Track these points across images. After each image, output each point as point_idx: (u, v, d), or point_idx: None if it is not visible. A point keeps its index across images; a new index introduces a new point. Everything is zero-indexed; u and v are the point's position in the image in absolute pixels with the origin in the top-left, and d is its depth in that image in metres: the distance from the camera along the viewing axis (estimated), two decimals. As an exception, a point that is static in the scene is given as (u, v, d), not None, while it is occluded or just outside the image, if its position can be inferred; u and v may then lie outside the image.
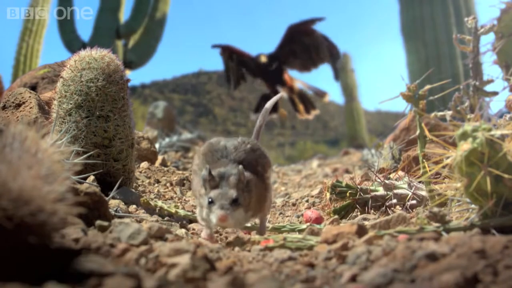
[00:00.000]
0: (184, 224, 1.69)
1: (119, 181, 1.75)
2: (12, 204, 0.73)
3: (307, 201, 2.33)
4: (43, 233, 0.78)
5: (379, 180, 1.84)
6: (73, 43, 7.27)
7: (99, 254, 0.92)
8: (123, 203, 1.72)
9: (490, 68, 1.97)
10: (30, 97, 2.05)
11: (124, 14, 7.82)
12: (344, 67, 9.41)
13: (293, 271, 0.95)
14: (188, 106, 24.39)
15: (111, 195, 1.64)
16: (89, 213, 1.28)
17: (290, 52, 6.57)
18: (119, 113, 1.88)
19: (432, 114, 1.75)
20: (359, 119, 9.54)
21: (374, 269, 0.85)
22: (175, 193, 2.33)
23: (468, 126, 1.08)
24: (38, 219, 0.76)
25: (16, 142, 0.85)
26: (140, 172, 2.60)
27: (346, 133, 9.89)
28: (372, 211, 1.79)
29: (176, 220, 1.72)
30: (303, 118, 7.02)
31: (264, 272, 0.94)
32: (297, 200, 2.40)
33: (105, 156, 1.86)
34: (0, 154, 0.81)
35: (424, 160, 1.52)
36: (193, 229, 1.61)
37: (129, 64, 7.67)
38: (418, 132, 1.55)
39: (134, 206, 1.75)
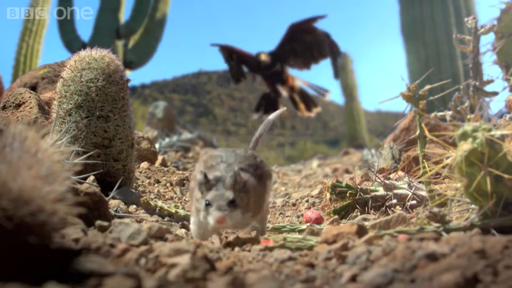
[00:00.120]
0: (184, 224, 1.69)
1: (119, 181, 1.75)
2: (12, 204, 0.73)
3: (307, 201, 2.33)
4: (43, 233, 0.78)
5: (379, 180, 1.84)
6: (73, 43, 7.27)
7: (99, 254, 0.92)
8: (123, 203, 1.72)
9: (490, 68, 1.97)
10: (30, 97, 2.05)
11: (124, 14, 7.83)
12: (344, 67, 9.42)
13: (293, 271, 0.95)
14: (188, 106, 24.40)
15: (111, 195, 1.64)
16: (89, 213, 1.28)
17: (291, 51, 6.56)
18: (119, 113, 1.89)
19: (432, 114, 1.75)
20: (359, 119, 9.54)
21: (374, 269, 0.85)
22: (175, 193, 2.33)
23: (468, 126, 1.08)
24: (38, 219, 0.76)
25: (16, 142, 0.85)
26: (140, 172, 2.60)
27: (346, 133, 9.89)
28: (372, 211, 1.79)
29: (176, 220, 1.72)
30: (305, 116, 7.01)
31: (264, 272, 0.94)
32: (297, 200, 2.40)
33: (105, 156, 1.87)
34: (0, 154, 0.81)
35: (424, 160, 1.52)
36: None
37: (129, 64, 7.67)
38: (418, 132, 1.55)
39: (134, 206, 1.75)
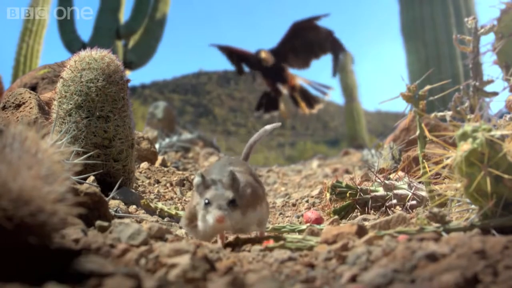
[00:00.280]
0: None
1: (119, 182, 1.76)
2: (12, 205, 0.73)
3: (307, 202, 2.33)
4: (43, 234, 0.78)
5: (379, 181, 1.84)
6: (73, 44, 7.27)
7: (99, 255, 0.92)
8: (123, 204, 1.72)
9: (490, 69, 1.97)
10: (30, 98, 2.05)
11: (124, 15, 7.83)
12: (344, 67, 9.42)
13: (293, 272, 0.95)
14: (188, 107, 24.41)
15: (111, 196, 1.64)
16: (89, 214, 1.28)
17: (291, 48, 6.55)
18: (119, 114, 1.89)
19: (432, 115, 1.75)
20: (359, 119, 9.53)
21: (374, 270, 0.85)
22: (175, 194, 2.33)
23: (468, 127, 1.08)
24: (38, 220, 0.76)
25: (16, 143, 0.85)
26: (140, 173, 2.60)
27: (346, 134, 9.88)
28: (372, 212, 1.79)
29: (176, 221, 1.72)
30: (306, 114, 6.99)
31: (264, 273, 0.94)
32: (297, 201, 2.40)
33: (105, 157, 1.86)
34: (0, 155, 0.81)
35: (424, 161, 1.52)
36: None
37: (129, 65, 7.67)
38: (418, 133, 1.55)
39: (134, 207, 1.75)
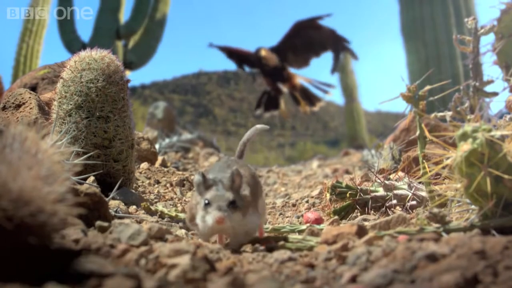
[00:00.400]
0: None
1: (119, 182, 1.75)
2: (12, 205, 0.73)
3: (307, 202, 2.33)
4: (43, 234, 0.78)
5: (379, 181, 1.84)
6: (73, 44, 7.27)
7: (99, 255, 0.92)
8: (123, 204, 1.72)
9: (490, 69, 1.97)
10: (30, 98, 2.05)
11: (124, 15, 7.82)
12: (344, 67, 9.42)
13: (293, 272, 0.95)
14: (188, 107, 24.41)
15: (111, 196, 1.64)
16: (89, 214, 1.28)
17: (292, 47, 6.54)
18: (119, 114, 1.88)
19: (432, 115, 1.75)
20: (359, 120, 9.53)
21: (374, 270, 0.85)
22: (175, 194, 2.33)
23: (468, 127, 1.08)
24: (38, 220, 0.76)
25: (16, 143, 0.85)
26: (140, 173, 2.60)
27: (346, 134, 9.89)
28: (372, 212, 1.79)
29: (176, 221, 1.72)
30: (307, 112, 6.97)
31: (264, 273, 0.94)
32: (297, 201, 2.40)
33: (105, 157, 1.86)
34: (0, 155, 0.81)
35: (424, 161, 1.52)
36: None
37: (129, 65, 7.66)
38: (418, 133, 1.55)
39: (134, 207, 1.75)
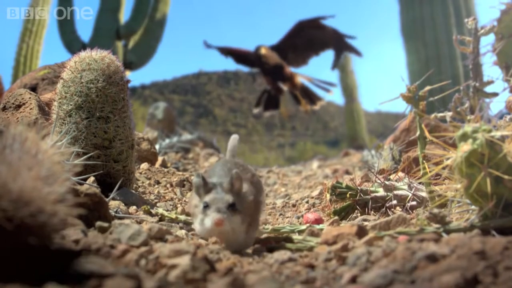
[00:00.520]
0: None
1: (119, 182, 1.75)
2: (12, 205, 0.73)
3: (307, 202, 2.33)
4: (43, 234, 0.78)
5: (379, 181, 1.84)
6: (73, 44, 7.27)
7: (99, 255, 0.92)
8: (123, 204, 1.72)
9: (490, 69, 1.97)
10: (30, 98, 2.05)
11: (124, 15, 7.82)
12: (344, 68, 9.42)
13: (293, 272, 0.95)
14: (188, 107, 24.41)
15: (111, 196, 1.64)
16: (89, 214, 1.28)
17: (292, 46, 6.53)
18: (119, 114, 1.88)
19: (432, 115, 1.75)
20: (359, 120, 9.54)
21: (374, 270, 0.85)
22: (175, 194, 2.33)
23: (468, 127, 1.08)
24: (38, 220, 0.76)
25: (16, 143, 0.85)
26: (140, 173, 2.60)
27: (346, 134, 9.89)
28: (372, 212, 1.79)
29: (176, 222, 1.72)
30: (308, 111, 6.95)
31: (264, 273, 0.94)
32: (297, 201, 2.40)
33: (105, 157, 1.86)
34: (1, 155, 0.81)
35: (424, 161, 1.52)
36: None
37: (129, 65, 7.66)
38: (418, 133, 1.55)
39: (134, 207, 1.75)
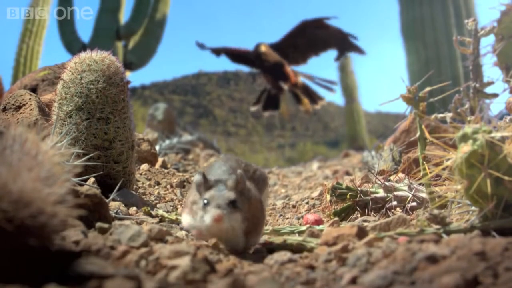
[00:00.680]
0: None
1: (119, 183, 1.75)
2: (12, 206, 0.73)
3: (307, 203, 2.33)
4: (43, 235, 0.78)
5: (379, 182, 1.84)
6: (73, 44, 7.28)
7: (100, 256, 0.92)
8: (124, 205, 1.72)
9: (490, 70, 1.97)
10: (31, 99, 2.05)
11: (124, 15, 7.83)
12: (344, 68, 9.43)
13: (293, 273, 0.95)
14: (188, 107, 24.40)
15: (112, 197, 1.64)
16: (90, 215, 1.28)
17: (292, 45, 6.50)
18: (120, 115, 1.88)
19: (432, 116, 1.75)
20: (359, 120, 9.54)
21: (374, 271, 0.85)
22: (175, 195, 2.33)
23: (469, 128, 1.08)
24: (38, 221, 0.76)
25: (16, 144, 0.85)
26: (140, 174, 2.60)
27: (346, 134, 9.89)
28: (372, 213, 1.79)
29: (176, 223, 1.72)
30: (310, 111, 6.91)
31: (264, 274, 0.94)
32: (297, 202, 2.40)
33: (105, 158, 1.86)
34: (1, 156, 0.81)
35: (424, 162, 1.52)
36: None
37: (129, 65, 7.67)
38: (419, 134, 1.55)
39: (135, 208, 1.75)
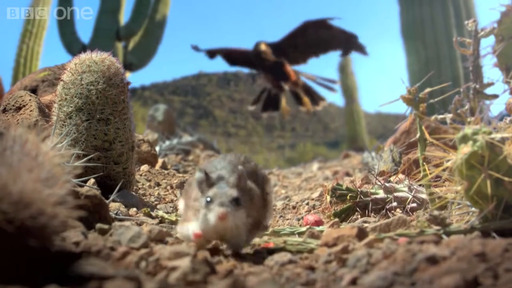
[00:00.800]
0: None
1: (120, 184, 1.75)
2: (13, 207, 0.74)
3: (308, 204, 2.33)
4: (44, 236, 0.78)
5: (380, 183, 1.84)
6: (73, 45, 7.29)
7: (100, 257, 0.92)
8: (124, 206, 1.72)
9: (490, 71, 1.96)
10: (31, 100, 2.05)
11: (124, 16, 7.84)
12: (344, 69, 9.45)
13: (294, 274, 0.95)
14: (188, 108, 24.39)
15: (112, 198, 1.64)
16: (90, 216, 1.28)
17: (293, 45, 6.47)
18: (120, 116, 1.88)
19: (433, 117, 1.75)
20: (359, 121, 9.56)
21: (375, 272, 0.85)
22: (176, 196, 2.33)
23: (469, 129, 1.08)
24: (39, 222, 0.76)
25: (17, 145, 0.85)
26: (141, 175, 2.60)
27: (346, 135, 9.90)
28: (373, 214, 1.79)
29: (177, 224, 1.72)
30: (311, 111, 6.87)
31: (265, 275, 0.94)
32: (298, 203, 2.40)
33: (106, 159, 1.86)
34: (1, 157, 0.81)
35: (425, 163, 1.52)
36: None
37: (129, 66, 7.67)
38: (419, 135, 1.55)
39: (135, 209, 1.75)
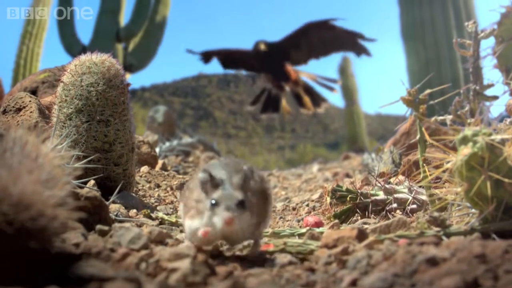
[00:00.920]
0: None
1: (120, 186, 1.75)
2: (13, 209, 0.74)
3: (308, 206, 2.33)
4: (44, 238, 0.78)
5: (380, 185, 1.84)
6: (73, 47, 7.29)
7: (100, 259, 0.92)
8: (124, 208, 1.72)
9: (490, 72, 1.97)
10: (31, 102, 2.05)
11: (124, 17, 7.83)
12: (344, 70, 9.45)
13: (294, 276, 0.95)
14: (188, 109, 24.40)
15: (112, 200, 1.64)
16: (90, 218, 1.28)
17: (294, 46, 6.43)
18: (120, 118, 1.89)
19: (433, 119, 1.75)
20: (359, 122, 9.56)
21: (375, 274, 0.85)
22: (175, 198, 2.33)
23: (469, 131, 1.08)
24: (39, 224, 0.76)
25: (17, 147, 0.85)
26: (141, 177, 2.60)
27: (346, 136, 9.91)
28: (373, 216, 1.79)
29: (177, 225, 1.72)
30: (312, 112, 6.82)
31: (265, 277, 0.94)
32: (298, 205, 2.40)
33: (106, 161, 1.86)
34: (1, 159, 0.81)
35: (425, 165, 1.52)
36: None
37: (129, 67, 7.66)
38: (419, 137, 1.55)
39: (135, 211, 1.75)
